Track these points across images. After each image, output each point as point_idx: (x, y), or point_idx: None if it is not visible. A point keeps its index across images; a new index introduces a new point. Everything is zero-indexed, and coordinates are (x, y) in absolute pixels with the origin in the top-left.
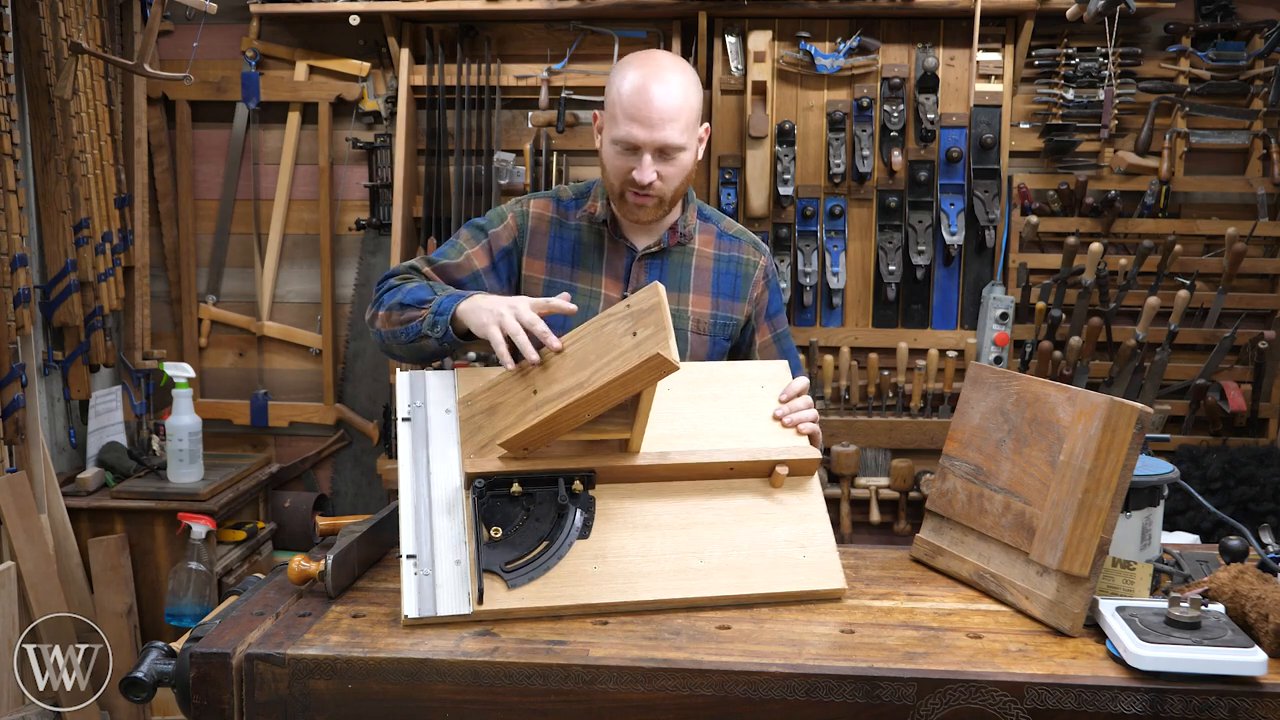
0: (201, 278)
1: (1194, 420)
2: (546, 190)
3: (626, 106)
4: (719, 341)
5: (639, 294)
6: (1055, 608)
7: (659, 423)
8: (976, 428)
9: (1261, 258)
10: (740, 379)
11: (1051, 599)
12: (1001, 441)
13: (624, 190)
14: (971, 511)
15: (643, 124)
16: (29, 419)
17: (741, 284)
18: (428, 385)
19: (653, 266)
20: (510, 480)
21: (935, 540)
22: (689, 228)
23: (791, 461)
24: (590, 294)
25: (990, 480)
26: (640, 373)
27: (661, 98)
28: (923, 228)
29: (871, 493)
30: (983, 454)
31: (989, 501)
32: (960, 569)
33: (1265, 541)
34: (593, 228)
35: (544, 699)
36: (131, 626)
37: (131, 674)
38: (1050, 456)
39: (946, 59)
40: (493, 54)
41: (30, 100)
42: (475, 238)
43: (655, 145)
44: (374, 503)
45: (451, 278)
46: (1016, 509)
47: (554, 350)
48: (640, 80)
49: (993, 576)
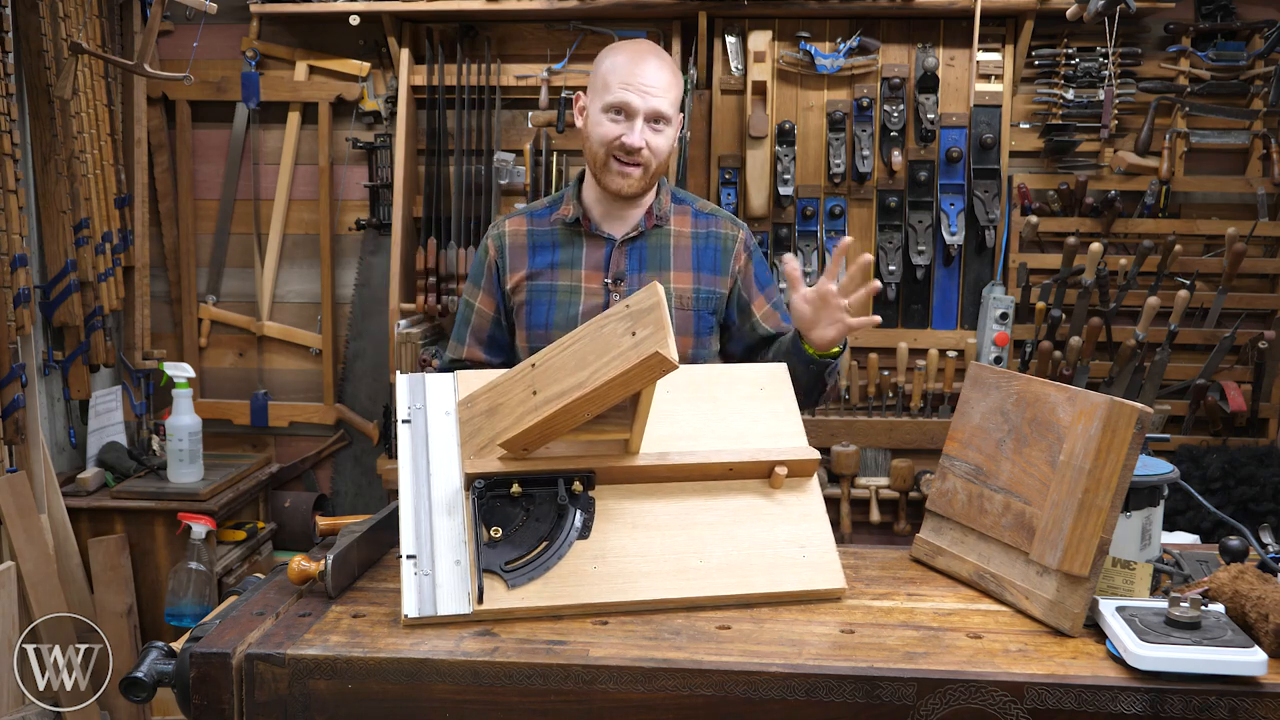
0: (201, 278)
1: (1194, 420)
2: (520, 208)
3: (622, 75)
4: (704, 316)
5: (638, 294)
6: (1055, 608)
7: (658, 424)
8: (977, 428)
9: (1261, 258)
10: (739, 381)
11: (1051, 599)
12: (1001, 441)
13: (610, 159)
14: (971, 511)
15: (637, 90)
16: (29, 419)
17: (722, 258)
18: (427, 388)
19: (632, 251)
20: (510, 481)
21: (935, 540)
22: (664, 210)
23: (790, 462)
24: (571, 289)
25: (990, 480)
26: (639, 372)
27: (655, 69)
28: (923, 228)
29: (871, 493)
30: (983, 454)
31: (989, 502)
32: (960, 569)
33: (1265, 541)
34: (567, 229)
35: (544, 699)
36: (131, 626)
37: (131, 674)
38: (1050, 456)
39: (946, 59)
40: (493, 54)
41: (30, 100)
42: (476, 285)
43: (648, 111)
44: (374, 503)
45: (487, 335)
46: (1016, 509)
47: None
48: (634, 54)
49: (992, 576)
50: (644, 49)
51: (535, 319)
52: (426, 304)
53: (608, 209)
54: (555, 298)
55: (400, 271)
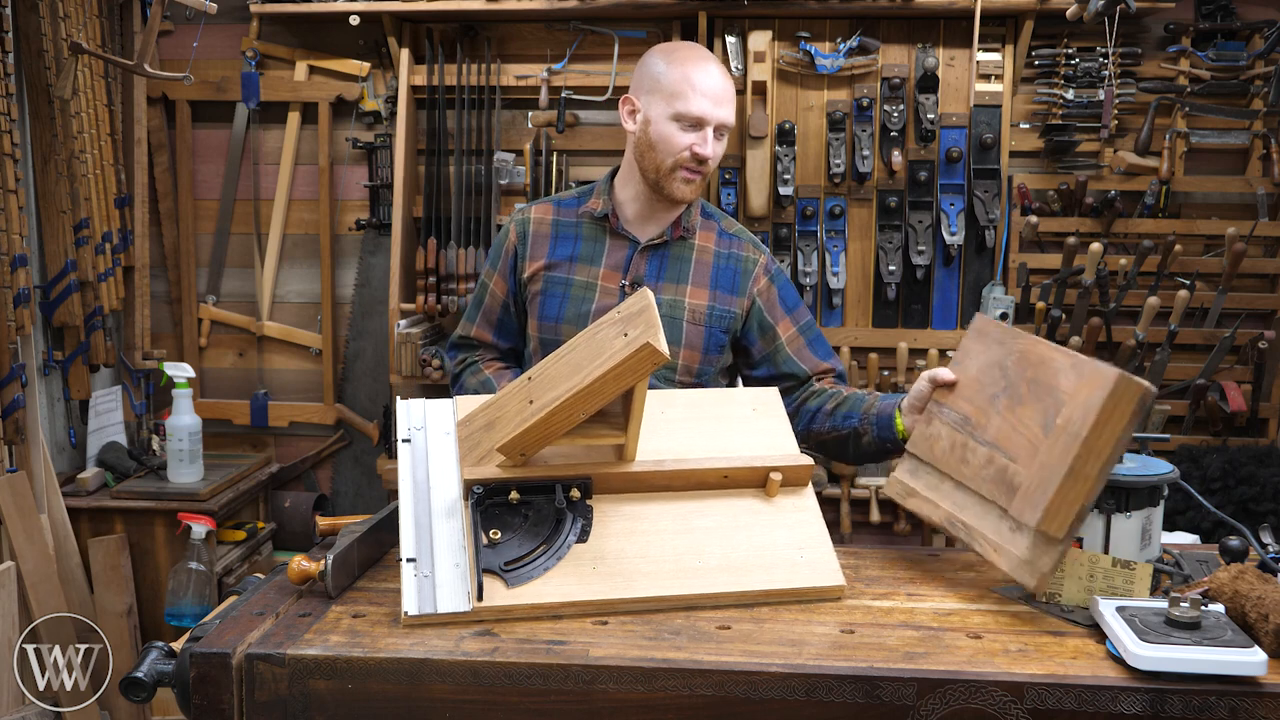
0: (201, 278)
1: (1194, 420)
2: (547, 195)
3: (694, 83)
4: (715, 333)
5: (627, 301)
6: (1024, 565)
7: (654, 440)
8: (972, 379)
9: (1261, 258)
10: (732, 403)
11: (1022, 556)
12: (996, 397)
13: (677, 167)
14: (953, 460)
15: (711, 99)
16: (29, 419)
17: (741, 279)
18: (427, 411)
19: (654, 258)
20: (508, 488)
21: (910, 481)
22: (693, 221)
23: (785, 468)
24: (587, 285)
25: (978, 432)
26: (631, 365)
27: (721, 77)
28: (923, 228)
29: (871, 493)
30: (974, 405)
31: (972, 453)
32: (932, 513)
33: (1265, 541)
34: (594, 223)
35: (544, 699)
36: (131, 626)
37: (131, 674)
38: (1044, 420)
39: (946, 59)
40: (493, 54)
41: (30, 100)
42: (493, 267)
43: (719, 121)
44: (374, 503)
45: (496, 318)
46: (1000, 464)
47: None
48: (701, 63)
49: (964, 525)
50: (706, 57)
51: (548, 311)
52: (426, 304)
53: (643, 210)
54: (570, 291)
55: (400, 271)
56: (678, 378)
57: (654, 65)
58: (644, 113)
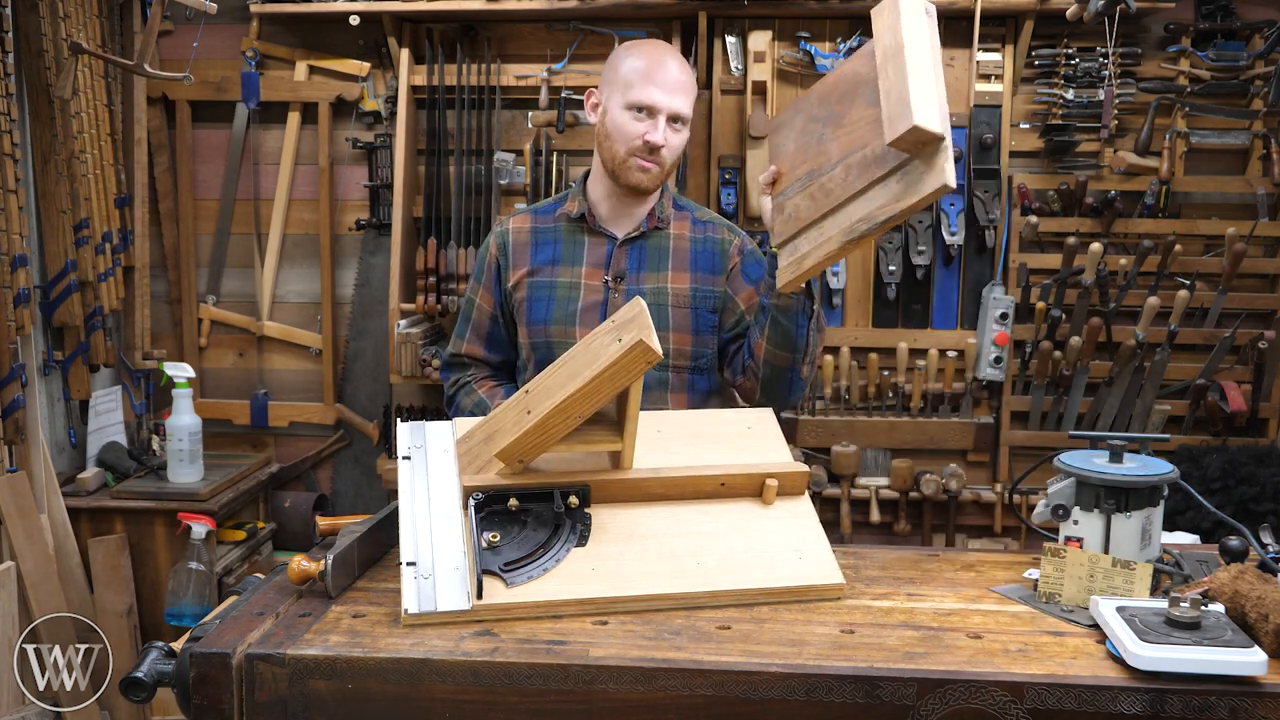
0: (201, 278)
1: (1194, 420)
2: (523, 206)
3: (646, 73)
4: (703, 314)
5: (620, 311)
6: (923, 178)
7: (650, 455)
8: (794, 150)
9: (1261, 258)
10: (728, 422)
11: (916, 178)
12: (821, 136)
13: (630, 156)
14: (817, 205)
15: (662, 88)
16: (29, 419)
17: (720, 260)
18: (427, 431)
19: (633, 251)
20: (507, 495)
21: (794, 256)
22: (665, 213)
23: (781, 475)
24: (571, 285)
25: (824, 168)
26: (626, 363)
27: (677, 70)
28: (922, 228)
29: (871, 493)
30: (808, 160)
31: (831, 181)
32: (830, 248)
33: (1265, 541)
34: (571, 225)
35: (544, 699)
36: (131, 626)
37: (131, 674)
38: (870, 99)
39: (946, 59)
40: (493, 54)
41: (30, 100)
42: (477, 281)
43: (671, 110)
44: (374, 503)
45: (486, 331)
46: (857, 158)
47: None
48: (656, 55)
49: (863, 220)
50: (664, 50)
51: (535, 315)
52: (426, 304)
53: (614, 206)
54: (555, 293)
55: (400, 271)
56: (672, 363)
57: (615, 59)
58: (603, 104)
